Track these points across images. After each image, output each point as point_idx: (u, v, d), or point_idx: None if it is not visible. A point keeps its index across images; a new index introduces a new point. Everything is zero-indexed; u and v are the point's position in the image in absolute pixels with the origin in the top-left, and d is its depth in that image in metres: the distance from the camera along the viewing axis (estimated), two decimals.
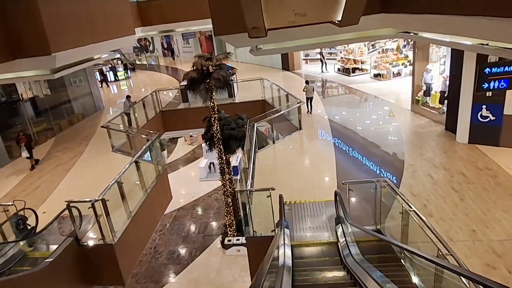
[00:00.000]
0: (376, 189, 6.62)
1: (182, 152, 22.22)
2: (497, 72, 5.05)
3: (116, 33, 8.18)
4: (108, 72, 26.19)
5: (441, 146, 10.44)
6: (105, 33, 7.65)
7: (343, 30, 6.10)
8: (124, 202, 8.17)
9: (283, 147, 12.17)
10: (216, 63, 13.01)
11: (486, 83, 5.16)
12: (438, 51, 13.17)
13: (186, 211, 15.17)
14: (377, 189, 6.61)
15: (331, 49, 23.97)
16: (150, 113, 16.01)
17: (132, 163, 8.97)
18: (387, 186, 6.37)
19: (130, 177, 9.08)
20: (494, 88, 5.24)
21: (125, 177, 8.50)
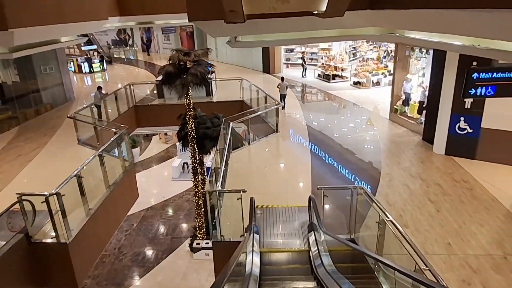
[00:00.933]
0: (352, 197, 6.31)
1: (156, 150, 21.61)
2: (485, 78, 4.86)
3: (86, 16, 7.60)
4: (83, 63, 25.12)
5: (418, 156, 10.32)
6: (73, 15, 7.07)
7: (326, 26, 5.77)
8: (83, 198, 7.53)
9: (259, 149, 11.79)
10: (195, 58, 12.53)
11: (473, 88, 4.96)
12: (417, 63, 13.14)
13: (155, 211, 14.60)
14: (353, 197, 6.30)
15: (312, 55, 23.88)
16: (122, 107, 15.31)
17: (96, 157, 8.35)
18: (364, 193, 6.07)
19: (92, 171, 8.45)
20: (481, 95, 5.05)
21: (86, 172, 7.88)
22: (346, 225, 6.88)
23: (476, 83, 4.90)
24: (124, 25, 15.74)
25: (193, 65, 12.42)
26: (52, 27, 6.34)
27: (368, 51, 22.48)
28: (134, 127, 16.18)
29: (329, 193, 6.61)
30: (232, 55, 27.94)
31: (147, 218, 14.02)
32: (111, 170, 9.33)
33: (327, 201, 6.61)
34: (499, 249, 6.34)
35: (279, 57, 23.70)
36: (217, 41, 29.54)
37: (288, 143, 12.16)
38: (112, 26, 15.53)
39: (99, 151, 8.44)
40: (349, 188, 6.33)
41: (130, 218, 13.89)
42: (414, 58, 12.98)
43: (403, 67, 12.83)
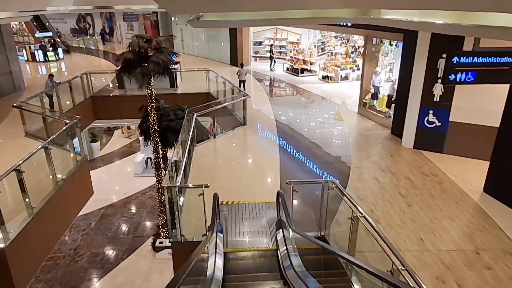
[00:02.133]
0: (323, 191, 5.89)
1: (119, 145, 20.65)
2: (465, 62, 4.57)
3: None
4: (37, 51, 23.32)
5: (387, 149, 10.14)
6: None
7: (297, 5, 5.27)
8: (25, 196, 6.66)
9: (225, 143, 11.21)
10: (157, 46, 11.74)
11: (453, 74, 4.67)
12: (384, 59, 13.02)
13: (116, 209, 13.77)
14: (324, 191, 5.88)
15: (281, 48, 23.51)
16: (78, 98, 14.20)
17: (41, 150, 7.46)
18: (335, 188, 5.67)
19: (37, 166, 7.56)
20: (461, 81, 4.77)
21: (29, 166, 6.99)
22: (316, 221, 6.48)
23: (456, 68, 4.62)
24: (79, 9, 14.59)
25: (154, 53, 11.66)
26: None
27: (336, 46, 22.41)
28: (91, 119, 15.12)
29: (299, 188, 6.16)
30: (199, 47, 27.08)
31: (107, 217, 13.21)
32: (61, 165, 8.44)
33: (296, 197, 6.17)
34: (471, 244, 6.16)
35: (247, 49, 23.14)
36: (184, 32, 28.55)
37: (255, 137, 11.66)
38: (66, 9, 14.38)
39: (44, 143, 7.55)
40: (319, 182, 5.91)
41: (89, 216, 13.04)
42: (381, 54, 12.87)
43: (371, 61, 12.67)
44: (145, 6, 14.76)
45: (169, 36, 12.55)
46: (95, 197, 13.52)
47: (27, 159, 6.76)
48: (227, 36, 23.25)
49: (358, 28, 12.10)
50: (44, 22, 29.79)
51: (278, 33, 23.85)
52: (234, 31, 22.45)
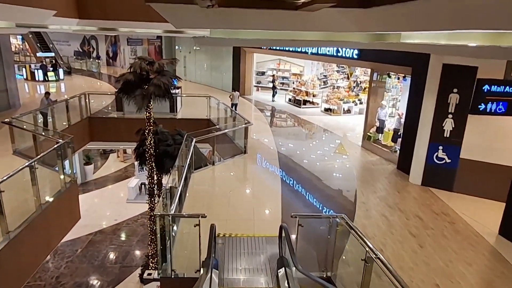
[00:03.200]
0: (330, 227, 5.35)
1: (114, 168, 20.12)
2: (497, 92, 4.21)
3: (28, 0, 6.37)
4: (37, 70, 23.16)
5: (394, 185, 9.65)
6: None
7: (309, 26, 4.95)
8: (1, 218, 6.05)
9: (224, 171, 10.70)
10: (159, 68, 11.49)
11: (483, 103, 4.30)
12: (387, 94, 12.78)
13: (105, 236, 13.05)
14: (332, 227, 5.34)
15: (283, 79, 23.52)
16: (75, 118, 13.79)
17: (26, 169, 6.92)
18: (345, 224, 5.12)
19: (19, 186, 6.99)
20: (491, 111, 4.40)
21: (11, 185, 6.43)
22: (320, 260, 5.89)
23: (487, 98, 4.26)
24: (83, 30, 14.44)
25: (156, 76, 11.39)
26: None
27: (339, 80, 22.42)
28: (86, 140, 14.62)
29: (304, 222, 5.60)
30: (201, 75, 27.12)
31: (95, 243, 12.47)
32: (48, 186, 7.88)
33: (301, 231, 5.59)
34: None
35: (250, 79, 23.12)
36: (187, 59, 28.70)
37: (256, 167, 11.16)
38: (70, 29, 14.21)
39: (31, 162, 7.01)
40: (327, 217, 5.37)
41: (75, 242, 12.32)
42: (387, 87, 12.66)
43: (377, 94, 12.43)
44: (149, 30, 14.65)
45: (172, 59, 12.32)
46: (84, 222, 12.84)
47: (7, 177, 6.20)
48: (230, 65, 23.31)
49: (364, 60, 11.96)
50: (48, 43, 29.98)
51: (281, 64, 23.96)
52: (238, 60, 22.51)
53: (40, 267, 9.69)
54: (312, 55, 15.29)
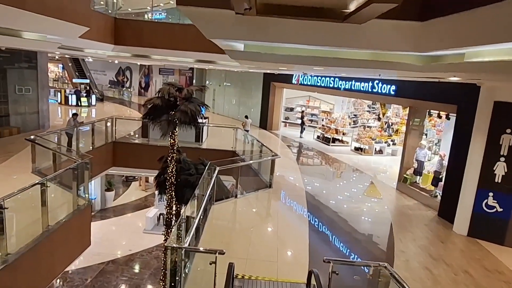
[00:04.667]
0: (372, 278, 4.46)
1: (134, 197, 19.82)
2: None
3: (59, 12, 6.22)
4: (71, 95, 23.80)
5: (436, 234, 8.56)
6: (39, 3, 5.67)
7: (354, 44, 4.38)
8: (1, 238, 5.52)
9: (246, 205, 9.95)
10: (187, 95, 11.23)
11: None
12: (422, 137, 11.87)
13: (117, 266, 12.40)
14: (374, 278, 4.45)
15: (312, 116, 23.00)
16: (99, 142, 13.64)
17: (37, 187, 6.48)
18: (391, 276, 4.24)
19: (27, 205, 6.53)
20: None
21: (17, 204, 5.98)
22: None
23: None
24: (117, 56, 14.65)
25: (183, 102, 11.12)
26: (5, 8, 4.89)
27: (370, 120, 21.67)
28: (109, 165, 14.36)
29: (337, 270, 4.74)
30: (229, 108, 27.11)
31: (106, 273, 11.82)
32: (58, 207, 7.40)
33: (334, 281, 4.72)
34: None
35: (278, 114, 22.76)
36: (216, 92, 28.91)
37: (280, 203, 10.34)
38: (105, 54, 14.46)
39: (43, 179, 6.59)
40: (369, 265, 4.50)
41: (86, 271, 11.72)
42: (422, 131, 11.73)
43: (416, 133, 11.54)
44: (181, 59, 14.69)
45: (202, 86, 12.12)
46: (97, 250, 12.41)
47: (14, 195, 5.74)
48: (259, 99, 23.13)
49: (402, 97, 11.27)
50: (85, 71, 31.23)
51: (311, 101, 23.57)
52: (267, 95, 22.32)
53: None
54: (345, 91, 14.75)
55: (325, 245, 7.84)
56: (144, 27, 14.27)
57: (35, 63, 15.51)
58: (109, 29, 13.50)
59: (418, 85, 10.13)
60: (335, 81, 15.36)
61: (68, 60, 30.76)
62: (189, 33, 14.30)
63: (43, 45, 7.29)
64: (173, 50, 14.09)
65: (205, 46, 14.21)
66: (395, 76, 9.01)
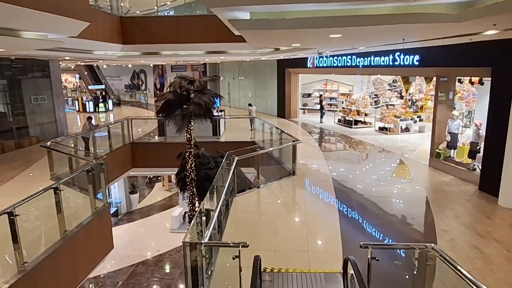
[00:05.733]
0: (418, 263, 3.89)
1: (160, 197, 19.78)
2: None
3: (58, 8, 5.86)
4: (88, 102, 23.93)
5: (480, 209, 7.82)
6: None
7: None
8: (16, 247, 5.25)
9: (270, 195, 9.46)
10: (200, 87, 10.82)
11: None
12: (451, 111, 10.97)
13: (147, 268, 12.27)
14: (420, 262, 3.88)
15: (331, 100, 22.20)
16: (117, 144, 13.45)
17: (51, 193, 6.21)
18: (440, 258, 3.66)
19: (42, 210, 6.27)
20: None
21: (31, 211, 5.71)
22: None
23: None
24: (126, 55, 14.40)
25: (196, 94, 10.72)
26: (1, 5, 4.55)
27: (392, 98, 20.66)
28: (128, 166, 14.19)
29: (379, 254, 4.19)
30: (245, 99, 26.67)
31: (136, 275, 11.69)
32: (75, 212, 7.15)
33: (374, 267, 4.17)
34: None
35: (296, 101, 22.09)
36: (231, 86, 28.48)
37: (306, 191, 9.79)
38: (115, 55, 14.24)
39: (57, 183, 6.30)
40: (413, 248, 3.92)
41: (117, 274, 11.65)
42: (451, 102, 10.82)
43: (446, 103, 10.68)
44: (191, 52, 14.29)
45: (214, 76, 11.68)
46: (127, 253, 12.32)
47: (26, 200, 5.46)
48: (275, 88, 22.55)
49: (428, 66, 10.43)
50: (101, 78, 31.58)
51: (328, 84, 22.77)
52: (282, 82, 21.69)
53: None
54: (364, 68, 13.92)
55: (357, 231, 7.26)
56: (151, 23, 13.92)
57: (48, 71, 15.51)
58: (115, 29, 13.24)
59: (444, 50, 9.30)
60: (353, 59, 14.55)
61: (84, 68, 31.10)
62: (197, 25, 13.89)
63: (45, 44, 6.99)
64: (182, 43, 13.73)
65: (214, 37, 13.82)
66: (418, 43, 8.25)
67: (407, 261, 5.54)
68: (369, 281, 4.06)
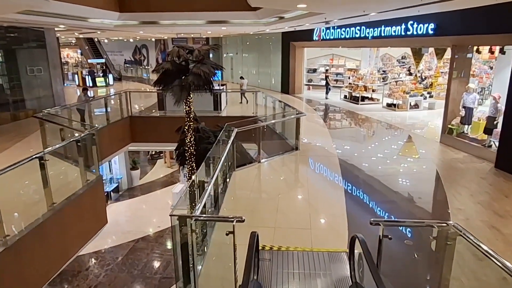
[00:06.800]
0: (436, 240, 3.42)
1: (162, 174, 19.54)
2: None
3: None
4: (87, 76, 23.32)
5: (497, 188, 7.31)
6: None
7: None
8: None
9: (271, 170, 9.00)
10: (199, 56, 10.23)
11: None
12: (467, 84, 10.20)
13: (147, 244, 11.99)
14: (439, 240, 3.40)
15: (337, 76, 21.43)
16: (115, 117, 12.98)
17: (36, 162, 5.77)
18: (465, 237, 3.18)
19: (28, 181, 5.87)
20: None
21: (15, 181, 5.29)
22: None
23: None
24: (124, 24, 13.71)
25: (195, 64, 10.16)
26: None
27: (401, 74, 19.86)
28: (127, 141, 13.76)
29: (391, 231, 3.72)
30: (249, 75, 25.93)
31: (136, 251, 11.42)
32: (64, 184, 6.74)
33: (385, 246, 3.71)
34: None
35: (300, 77, 21.32)
36: (234, 61, 27.67)
37: (310, 168, 9.28)
38: (112, 23, 13.56)
39: (42, 152, 5.85)
40: (431, 226, 3.43)
41: (117, 249, 11.39)
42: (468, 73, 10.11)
43: (461, 75, 9.98)
44: (192, 21, 13.58)
45: (214, 45, 11.11)
46: (127, 229, 12.06)
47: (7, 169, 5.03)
48: (279, 63, 21.76)
49: (444, 35, 9.68)
50: (102, 53, 30.88)
51: (334, 59, 21.94)
52: (287, 57, 20.88)
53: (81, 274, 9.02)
54: (374, 39, 13.11)
55: (365, 209, 6.81)
56: None
57: (44, 42, 14.89)
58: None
59: (462, 16, 8.55)
60: (362, 30, 13.72)
61: (84, 43, 30.35)
62: None
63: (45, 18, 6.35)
64: (182, 12, 13.02)
65: (215, 4, 13.08)
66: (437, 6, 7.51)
67: (419, 241, 5.10)
68: (379, 261, 3.60)
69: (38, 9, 8.92)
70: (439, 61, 19.05)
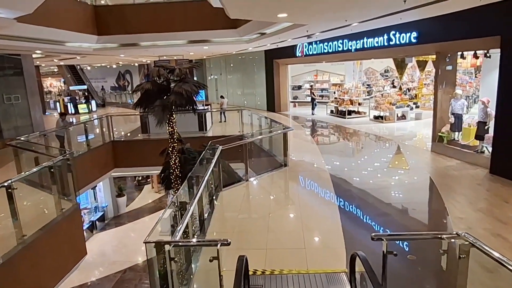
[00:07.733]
0: (447, 253, 3.05)
1: (150, 199, 18.88)
2: None
3: None
4: (69, 103, 22.81)
5: (496, 194, 7.03)
6: None
7: None
8: None
9: (260, 188, 8.60)
10: (180, 75, 9.95)
11: None
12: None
13: (135, 274, 11.31)
14: (451, 255, 3.04)
15: (322, 91, 21.40)
16: (97, 143, 12.50)
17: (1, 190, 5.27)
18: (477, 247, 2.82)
19: None
20: None
21: None
22: None
23: None
24: (104, 47, 13.42)
25: (177, 83, 9.86)
26: None
27: (386, 87, 19.93)
28: (110, 167, 13.20)
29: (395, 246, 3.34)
30: (234, 96, 25.76)
31: (124, 282, 10.74)
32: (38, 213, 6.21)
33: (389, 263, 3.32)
34: None
35: (285, 94, 21.22)
36: (218, 82, 27.57)
37: (300, 185, 8.88)
38: (90, 47, 13.25)
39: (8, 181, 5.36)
40: (439, 237, 3.07)
41: (103, 282, 10.69)
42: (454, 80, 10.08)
43: (447, 83, 9.87)
44: (172, 41, 13.37)
45: (195, 64, 10.81)
46: (113, 259, 11.36)
47: None
48: (263, 81, 21.67)
49: (427, 43, 9.62)
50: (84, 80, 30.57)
51: (319, 75, 21.97)
52: (271, 75, 20.81)
53: None
54: (357, 52, 13.06)
55: (360, 224, 6.42)
56: (127, 12, 12.98)
57: (21, 68, 14.46)
58: (89, 19, 12.29)
59: (445, 22, 8.50)
60: (344, 43, 13.70)
61: (66, 71, 30.00)
62: (176, 12, 12.99)
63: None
64: (161, 32, 12.83)
65: (195, 23, 12.93)
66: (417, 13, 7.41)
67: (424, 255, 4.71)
68: (384, 281, 3.20)
69: (10, 32, 8.58)
70: (422, 73, 19.25)
